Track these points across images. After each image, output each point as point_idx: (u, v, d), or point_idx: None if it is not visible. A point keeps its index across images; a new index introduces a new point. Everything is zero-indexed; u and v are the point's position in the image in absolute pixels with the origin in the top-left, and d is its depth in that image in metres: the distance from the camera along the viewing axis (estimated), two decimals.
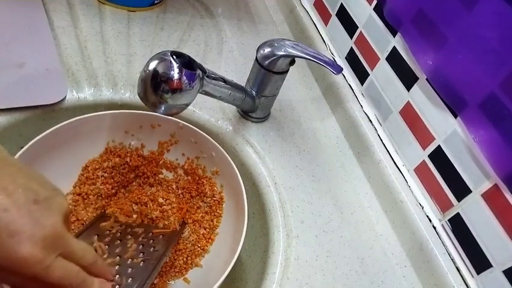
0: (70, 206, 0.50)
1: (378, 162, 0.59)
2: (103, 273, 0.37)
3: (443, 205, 0.52)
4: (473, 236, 0.48)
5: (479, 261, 0.47)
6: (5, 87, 0.51)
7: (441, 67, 0.50)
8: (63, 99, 0.54)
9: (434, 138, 0.53)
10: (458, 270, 0.50)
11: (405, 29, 0.55)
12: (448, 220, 0.51)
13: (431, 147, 0.53)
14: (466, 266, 0.49)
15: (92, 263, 0.35)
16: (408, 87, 0.56)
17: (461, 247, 0.50)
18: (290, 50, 0.53)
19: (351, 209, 0.57)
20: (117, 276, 0.41)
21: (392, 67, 0.59)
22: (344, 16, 0.69)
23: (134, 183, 0.55)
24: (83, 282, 0.34)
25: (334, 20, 0.72)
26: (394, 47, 0.58)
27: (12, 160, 0.32)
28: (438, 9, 0.50)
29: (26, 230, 0.29)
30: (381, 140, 0.61)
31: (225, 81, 0.50)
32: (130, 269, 0.42)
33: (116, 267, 0.43)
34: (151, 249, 0.46)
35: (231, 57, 0.70)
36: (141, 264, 0.43)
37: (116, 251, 0.44)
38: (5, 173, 0.30)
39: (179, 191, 0.55)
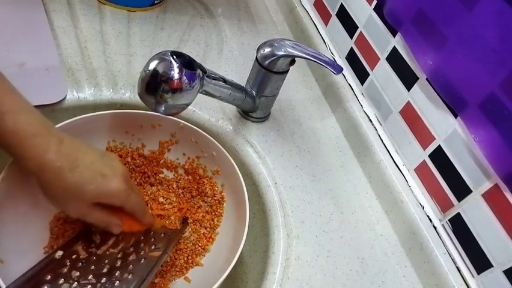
0: None
1: (378, 162, 0.59)
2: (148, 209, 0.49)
3: (444, 205, 0.52)
4: (473, 236, 0.48)
5: (480, 261, 0.47)
6: None
7: (442, 67, 0.50)
8: (63, 99, 0.54)
9: (434, 138, 0.53)
10: (459, 270, 0.50)
11: (405, 29, 0.55)
12: (449, 220, 0.51)
13: (431, 147, 0.53)
14: (467, 266, 0.49)
15: (144, 200, 0.49)
16: (409, 87, 0.56)
17: (462, 247, 0.50)
18: (290, 50, 0.53)
19: (351, 209, 0.57)
20: (117, 271, 0.42)
21: (392, 67, 0.59)
22: (344, 16, 0.69)
23: (134, 182, 0.55)
24: (145, 209, 0.47)
25: (334, 20, 0.72)
26: (394, 47, 0.58)
27: (73, 138, 0.42)
28: (438, 9, 0.50)
29: (110, 172, 0.41)
30: (382, 140, 0.61)
31: (225, 81, 0.50)
32: (130, 266, 0.43)
33: (118, 262, 0.43)
34: (152, 247, 0.46)
35: (231, 57, 0.70)
36: (142, 261, 0.44)
37: (118, 247, 0.45)
38: (77, 144, 0.41)
39: (180, 191, 0.55)
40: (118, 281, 0.41)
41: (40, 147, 0.38)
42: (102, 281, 0.41)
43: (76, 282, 0.40)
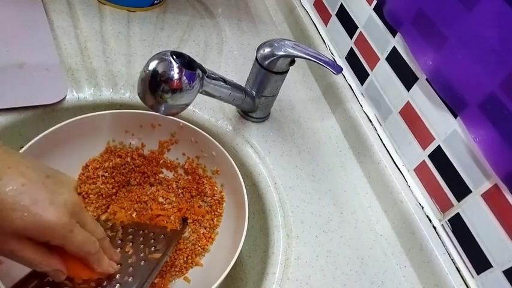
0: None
1: (378, 162, 0.59)
2: (109, 251, 0.39)
3: (443, 205, 0.52)
4: (473, 236, 0.48)
5: (479, 262, 0.47)
6: (5, 87, 0.51)
7: (441, 67, 0.50)
8: (63, 99, 0.54)
9: (434, 138, 0.53)
10: (458, 270, 0.50)
11: (405, 29, 0.55)
12: (448, 220, 0.51)
13: (431, 147, 0.53)
14: (466, 266, 0.49)
15: (101, 239, 0.38)
16: (408, 87, 0.56)
17: (461, 247, 0.50)
18: (290, 50, 0.53)
19: (351, 209, 0.57)
20: (118, 275, 0.41)
21: (392, 67, 0.59)
22: (344, 16, 0.69)
23: (134, 182, 0.55)
24: (98, 252, 0.37)
25: (334, 20, 0.72)
26: (394, 47, 0.58)
27: (14, 151, 0.35)
28: (438, 9, 0.50)
29: (47, 197, 0.32)
30: (381, 140, 0.61)
31: (225, 81, 0.50)
32: (130, 268, 0.43)
33: (118, 265, 0.43)
34: (152, 248, 0.46)
35: (231, 57, 0.70)
36: (142, 263, 0.43)
37: (117, 250, 0.44)
38: (13, 159, 0.33)
39: (180, 191, 0.55)
40: (118, 284, 0.41)
41: None
42: (103, 284, 0.40)
43: (77, 285, 0.40)
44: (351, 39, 0.68)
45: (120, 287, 0.40)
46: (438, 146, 0.52)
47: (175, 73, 0.42)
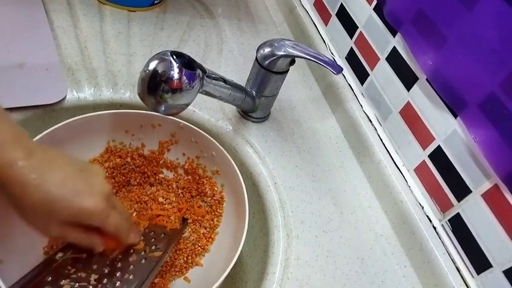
0: None
1: (378, 162, 0.59)
2: (133, 226, 0.44)
3: (443, 205, 0.52)
4: (473, 236, 0.48)
5: (479, 262, 0.47)
6: (5, 87, 0.51)
7: (441, 67, 0.50)
8: (63, 99, 0.54)
9: (434, 138, 0.53)
10: (458, 270, 0.50)
11: (405, 29, 0.55)
12: (448, 220, 0.51)
13: (431, 147, 0.53)
14: (466, 266, 0.49)
15: (127, 217, 0.43)
16: (408, 87, 0.56)
17: (461, 247, 0.50)
18: (290, 50, 0.53)
19: (351, 209, 0.57)
20: (118, 272, 0.42)
21: (392, 67, 0.59)
22: (344, 16, 0.69)
23: (134, 182, 0.55)
24: (127, 230, 0.42)
25: (334, 20, 0.72)
26: (394, 47, 0.58)
27: (49, 147, 0.39)
28: (438, 9, 0.50)
29: (86, 188, 0.37)
30: (381, 140, 0.61)
31: (225, 81, 0.50)
32: (131, 266, 0.43)
33: (119, 264, 0.43)
34: (153, 247, 0.46)
35: (231, 57, 0.70)
36: (142, 261, 0.44)
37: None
38: (51, 156, 0.37)
39: (180, 191, 0.55)
40: (119, 282, 0.41)
41: (3, 158, 0.34)
42: (103, 282, 0.41)
43: (77, 283, 0.40)
44: (351, 39, 0.68)
45: (121, 285, 0.41)
46: (439, 146, 0.52)
47: (175, 73, 0.42)
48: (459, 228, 0.50)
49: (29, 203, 0.35)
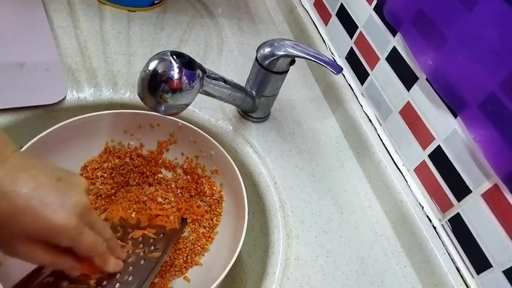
0: None
1: (378, 162, 0.59)
2: (116, 251, 0.41)
3: (443, 205, 0.52)
4: (473, 236, 0.48)
5: (479, 261, 0.47)
6: (5, 87, 0.51)
7: (441, 67, 0.50)
8: (63, 99, 0.54)
9: (434, 138, 0.53)
10: (458, 270, 0.50)
11: (405, 29, 0.55)
12: (448, 220, 0.51)
13: (431, 147, 0.53)
14: (466, 266, 0.49)
15: (109, 239, 0.39)
16: (408, 87, 0.56)
17: (461, 247, 0.50)
18: (290, 50, 0.53)
19: (351, 209, 0.57)
20: (118, 274, 0.41)
21: (392, 67, 0.59)
22: (344, 16, 0.69)
23: (133, 182, 0.55)
24: (104, 253, 0.38)
25: (334, 20, 0.72)
26: (394, 47, 0.58)
27: (28, 154, 0.36)
28: (438, 9, 0.50)
29: (57, 200, 0.33)
30: (381, 140, 0.61)
31: (225, 81, 0.50)
32: (130, 267, 0.43)
33: None
34: (152, 247, 0.46)
35: (231, 57, 0.70)
36: (141, 262, 0.43)
37: None
38: (26, 164, 0.34)
39: (179, 190, 0.55)
40: (118, 283, 0.41)
41: None
42: (103, 284, 0.40)
43: (77, 285, 0.40)
44: (351, 39, 0.67)
45: (120, 286, 0.40)
46: (439, 146, 0.52)
47: (175, 73, 0.42)
48: (459, 228, 0.50)
49: None
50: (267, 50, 0.54)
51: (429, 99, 0.53)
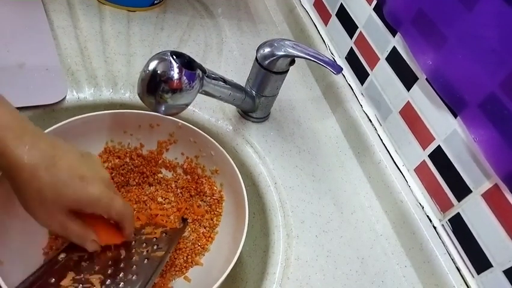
0: None
1: (378, 162, 0.59)
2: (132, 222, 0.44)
3: (443, 205, 0.52)
4: (473, 236, 0.48)
5: (480, 261, 0.47)
6: (5, 87, 0.51)
7: (441, 67, 0.50)
8: (63, 99, 0.54)
9: (434, 138, 0.53)
10: (459, 270, 0.50)
11: (405, 29, 0.55)
12: (448, 220, 0.51)
13: (431, 147, 0.53)
14: (466, 266, 0.49)
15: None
16: (408, 87, 0.56)
17: (462, 247, 0.50)
18: (290, 50, 0.53)
19: (351, 209, 0.57)
20: (121, 273, 0.42)
21: (392, 67, 0.59)
22: (344, 16, 0.69)
23: (133, 182, 0.55)
24: (132, 216, 0.42)
25: (334, 20, 0.72)
26: (394, 47, 0.58)
27: (51, 135, 0.39)
28: (438, 9, 0.50)
29: (90, 175, 0.37)
30: (381, 140, 0.61)
31: (225, 81, 0.50)
32: (134, 267, 0.43)
33: (121, 264, 0.43)
34: (155, 246, 0.46)
35: (231, 57, 0.70)
36: (145, 261, 0.44)
37: (121, 248, 0.45)
38: (52, 140, 0.37)
39: (179, 190, 0.55)
40: (122, 283, 0.41)
41: (11, 141, 0.34)
42: (107, 283, 0.40)
43: (80, 285, 0.40)
44: (351, 39, 0.67)
45: (124, 285, 0.41)
46: (439, 146, 0.52)
47: (175, 73, 0.42)
48: (459, 228, 0.50)
49: (36, 187, 0.35)
50: (267, 50, 0.54)
51: (429, 99, 0.53)
